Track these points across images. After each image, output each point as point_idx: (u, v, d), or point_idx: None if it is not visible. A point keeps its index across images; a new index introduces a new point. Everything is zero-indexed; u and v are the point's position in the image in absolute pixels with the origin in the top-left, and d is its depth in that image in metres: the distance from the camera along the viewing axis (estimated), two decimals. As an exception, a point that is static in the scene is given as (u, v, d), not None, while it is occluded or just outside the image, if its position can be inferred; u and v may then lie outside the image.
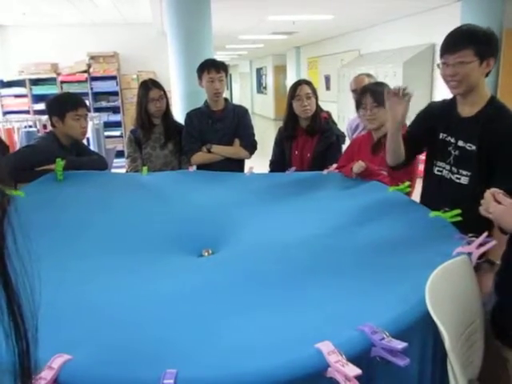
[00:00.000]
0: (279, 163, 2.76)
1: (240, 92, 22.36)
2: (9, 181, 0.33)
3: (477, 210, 1.32)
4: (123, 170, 3.31)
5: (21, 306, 0.31)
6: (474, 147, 1.72)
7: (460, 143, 1.77)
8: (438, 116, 1.90)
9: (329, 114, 2.84)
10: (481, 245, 1.30)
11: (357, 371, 0.83)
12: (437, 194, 1.91)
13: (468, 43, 1.65)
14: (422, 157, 2.11)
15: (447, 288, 1.13)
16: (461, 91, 1.75)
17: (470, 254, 1.28)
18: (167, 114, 2.88)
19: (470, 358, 1.12)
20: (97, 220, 1.83)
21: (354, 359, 0.88)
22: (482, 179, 1.69)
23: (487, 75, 1.73)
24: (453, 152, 1.80)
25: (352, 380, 0.83)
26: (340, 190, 2.07)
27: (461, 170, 1.78)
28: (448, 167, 1.83)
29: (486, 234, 1.33)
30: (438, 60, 1.80)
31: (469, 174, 1.75)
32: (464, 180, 1.76)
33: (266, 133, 10.21)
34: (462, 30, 1.72)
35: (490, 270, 1.40)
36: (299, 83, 2.70)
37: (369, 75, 3.20)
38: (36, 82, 7.10)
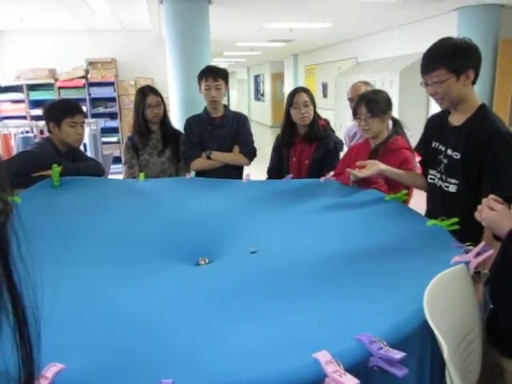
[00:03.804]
0: (277, 170, 2.76)
1: (237, 99, 22.41)
2: (11, 188, 0.33)
3: (464, 218, 1.33)
4: (120, 176, 3.30)
5: (25, 311, 0.31)
6: (459, 156, 1.75)
7: (449, 152, 1.80)
8: (432, 126, 1.95)
9: (327, 121, 2.84)
10: (478, 254, 1.30)
11: (355, 381, 0.83)
12: (430, 203, 1.96)
13: (439, 63, 1.68)
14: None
15: (445, 297, 1.12)
16: (446, 106, 1.80)
17: (467, 262, 1.28)
18: (165, 120, 2.88)
19: (468, 367, 1.11)
20: (93, 227, 1.82)
21: (351, 369, 0.87)
22: (468, 187, 1.72)
23: (474, 83, 1.74)
24: (443, 160, 1.82)
25: (350, 390, 0.82)
26: (337, 198, 2.06)
27: (449, 179, 1.80)
28: (439, 175, 1.86)
29: (483, 242, 1.33)
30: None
31: (456, 182, 1.77)
32: (452, 188, 1.79)
33: (263, 140, 10.21)
34: (433, 49, 1.73)
35: (478, 280, 1.40)
36: (297, 91, 2.70)
37: (366, 83, 3.20)
38: (33, 87, 7.08)
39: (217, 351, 0.98)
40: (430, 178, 1.90)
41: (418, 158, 2.48)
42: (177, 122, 4.07)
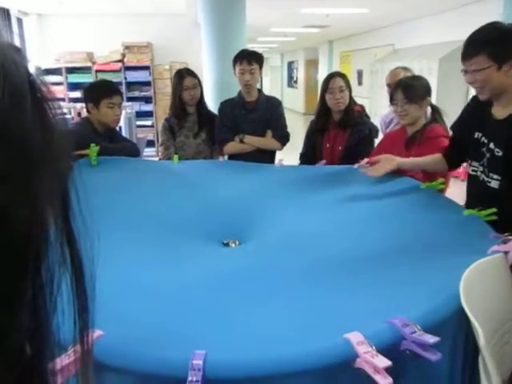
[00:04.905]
0: (310, 156, 2.74)
1: (270, 86, 22.27)
2: (69, 157, 0.33)
3: (507, 215, 1.27)
4: (153, 159, 3.35)
5: (82, 263, 0.32)
6: (500, 153, 1.66)
7: (491, 146, 1.70)
8: (474, 109, 1.84)
9: (362, 107, 2.80)
10: (518, 244, 1.26)
11: (387, 363, 0.82)
12: (470, 195, 1.88)
13: (480, 49, 1.58)
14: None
15: (482, 285, 1.10)
16: (486, 96, 1.69)
17: (506, 252, 1.25)
18: (201, 102, 2.90)
19: (502, 358, 1.09)
20: (128, 205, 1.86)
21: (383, 352, 0.87)
22: (510, 185, 1.64)
23: None
24: (486, 154, 1.73)
25: (381, 372, 0.82)
26: (371, 185, 2.04)
27: (491, 174, 1.71)
28: (481, 168, 1.76)
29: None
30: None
31: (499, 178, 1.68)
32: (494, 184, 1.70)
33: (295, 127, 10.12)
34: (476, 33, 1.63)
35: None
36: (332, 76, 2.66)
37: (405, 69, 3.12)
38: (72, 70, 7.25)
39: (248, 328, 0.99)
40: (473, 170, 1.81)
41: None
42: (211, 105, 4.08)
